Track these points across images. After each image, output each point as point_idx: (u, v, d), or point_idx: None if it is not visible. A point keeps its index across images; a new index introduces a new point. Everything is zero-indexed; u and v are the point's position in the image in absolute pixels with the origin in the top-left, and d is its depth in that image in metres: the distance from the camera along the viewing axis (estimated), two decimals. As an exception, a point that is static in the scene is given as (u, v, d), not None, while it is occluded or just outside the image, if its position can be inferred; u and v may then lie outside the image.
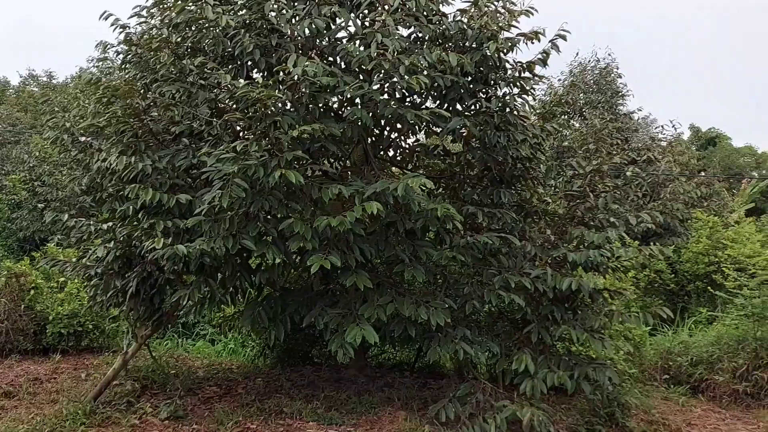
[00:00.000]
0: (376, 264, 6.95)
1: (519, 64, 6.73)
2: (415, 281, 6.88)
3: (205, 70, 6.15)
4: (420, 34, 6.58)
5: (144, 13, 6.88)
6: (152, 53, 6.40)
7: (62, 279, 9.34)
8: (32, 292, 9.21)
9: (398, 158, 8.01)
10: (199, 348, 9.99)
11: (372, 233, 6.24)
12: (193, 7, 6.35)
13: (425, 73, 6.03)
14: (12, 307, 8.99)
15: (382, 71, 5.89)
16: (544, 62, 6.72)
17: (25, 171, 15.66)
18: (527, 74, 6.76)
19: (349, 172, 6.85)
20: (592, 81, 18.21)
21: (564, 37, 6.59)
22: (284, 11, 6.28)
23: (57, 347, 9.06)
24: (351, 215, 5.52)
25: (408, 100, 6.81)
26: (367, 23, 6.50)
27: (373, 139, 7.29)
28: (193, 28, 6.51)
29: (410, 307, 6.02)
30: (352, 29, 6.60)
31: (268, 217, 6.11)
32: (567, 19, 6.70)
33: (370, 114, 6.14)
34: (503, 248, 6.58)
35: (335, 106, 6.75)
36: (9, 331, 8.87)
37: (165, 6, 6.77)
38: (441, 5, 6.59)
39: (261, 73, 6.69)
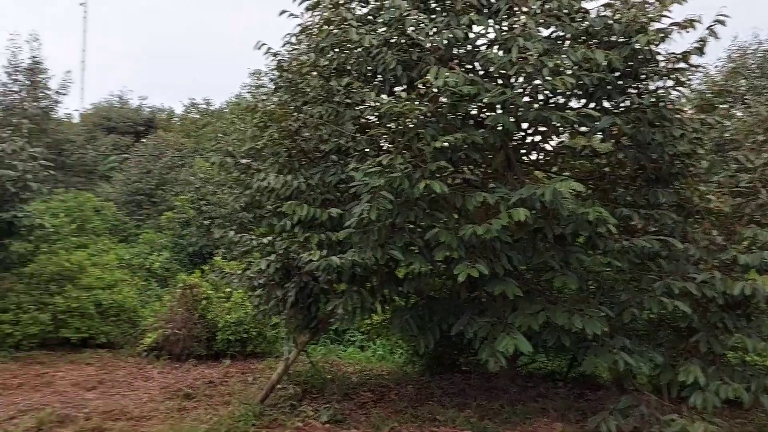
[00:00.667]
0: (521, 271, 6.82)
1: (672, 56, 6.33)
2: (565, 288, 6.67)
3: (351, 89, 6.43)
4: (562, 33, 6.40)
5: (293, 40, 7.36)
6: (301, 77, 6.81)
7: (228, 289, 10.16)
8: (204, 302, 10.11)
9: (541, 161, 7.81)
10: (350, 354, 10.38)
11: (518, 240, 6.15)
12: (336, 31, 6.69)
13: (569, 72, 5.86)
14: (187, 316, 9.93)
15: (524, 75, 5.81)
16: (700, 51, 6.28)
17: (192, 191, 17.14)
18: (682, 65, 6.34)
19: (491, 179, 6.80)
20: (754, 65, 16.50)
21: (723, 22, 6.12)
22: (422, 25, 6.40)
23: (226, 352, 9.86)
24: (497, 223, 5.48)
25: (551, 101, 6.65)
26: (505, 28, 6.45)
27: (515, 143, 7.19)
28: (337, 50, 6.85)
29: (563, 316, 5.84)
30: (490, 35, 6.57)
31: (413, 227, 6.25)
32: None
33: (511, 118, 6.07)
34: (663, 252, 6.21)
35: (473, 112, 6.75)
36: (186, 338, 9.80)
37: (311, 32, 7.20)
38: (583, 1, 6.38)
39: (402, 87, 6.87)
